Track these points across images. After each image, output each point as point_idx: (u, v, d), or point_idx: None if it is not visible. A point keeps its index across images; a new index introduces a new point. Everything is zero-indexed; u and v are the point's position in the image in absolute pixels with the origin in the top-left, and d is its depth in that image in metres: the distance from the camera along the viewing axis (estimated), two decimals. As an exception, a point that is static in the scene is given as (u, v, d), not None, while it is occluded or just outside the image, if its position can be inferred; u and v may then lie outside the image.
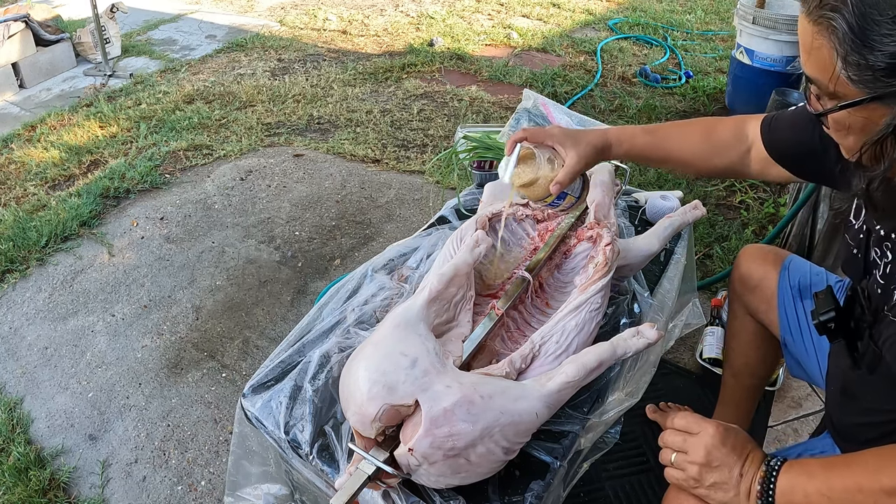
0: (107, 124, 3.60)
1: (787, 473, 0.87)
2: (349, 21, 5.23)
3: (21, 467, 1.82)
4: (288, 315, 2.35)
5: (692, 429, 0.94)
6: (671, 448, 0.96)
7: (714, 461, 0.90)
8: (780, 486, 0.86)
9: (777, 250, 1.47)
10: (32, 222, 2.77)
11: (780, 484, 0.86)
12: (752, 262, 1.46)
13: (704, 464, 0.91)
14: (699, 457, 0.91)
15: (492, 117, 3.66)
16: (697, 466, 0.91)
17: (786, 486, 0.86)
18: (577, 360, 1.06)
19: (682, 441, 0.94)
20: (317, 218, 2.86)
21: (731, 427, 0.93)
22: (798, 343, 1.35)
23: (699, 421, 0.94)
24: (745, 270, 1.47)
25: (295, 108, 3.77)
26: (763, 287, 1.42)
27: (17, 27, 4.00)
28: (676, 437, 0.95)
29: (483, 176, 1.83)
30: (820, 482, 0.84)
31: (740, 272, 1.48)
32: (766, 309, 1.42)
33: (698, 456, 0.91)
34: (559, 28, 5.10)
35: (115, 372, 2.14)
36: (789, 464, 0.88)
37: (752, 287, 1.45)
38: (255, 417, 1.15)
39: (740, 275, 1.48)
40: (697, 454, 0.91)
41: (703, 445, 0.91)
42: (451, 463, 0.94)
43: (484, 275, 1.31)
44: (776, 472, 0.87)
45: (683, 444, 0.94)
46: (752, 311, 1.47)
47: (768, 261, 1.44)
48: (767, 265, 1.43)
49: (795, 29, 3.66)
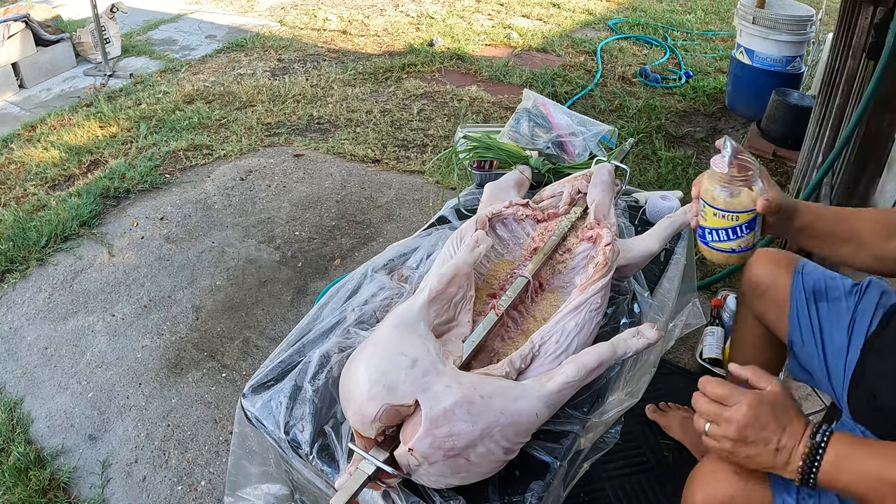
0: (107, 124, 3.60)
1: (836, 448, 0.84)
2: (349, 21, 5.22)
3: (21, 467, 1.82)
4: (288, 315, 2.35)
5: (728, 400, 0.91)
6: (705, 418, 0.93)
7: (749, 437, 0.88)
8: (827, 462, 0.83)
9: (789, 254, 1.46)
10: (32, 222, 2.77)
11: (827, 460, 0.83)
12: (764, 267, 1.44)
13: (738, 439, 0.89)
14: (732, 432, 0.89)
15: (492, 117, 3.66)
16: (731, 442, 0.90)
17: (832, 465, 0.83)
18: (577, 360, 1.06)
19: (715, 412, 0.92)
20: (317, 218, 2.86)
21: (767, 397, 0.90)
22: (808, 346, 1.34)
23: (735, 393, 0.91)
24: (755, 274, 1.45)
25: (295, 108, 3.77)
26: (774, 290, 1.41)
27: (17, 27, 4.00)
28: (711, 406, 0.93)
29: (483, 176, 1.83)
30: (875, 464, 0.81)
31: (750, 276, 1.47)
32: (775, 313, 1.40)
33: (731, 431, 0.89)
34: (559, 28, 5.10)
35: (115, 372, 2.14)
36: (837, 438, 0.85)
37: (762, 291, 1.44)
38: (255, 417, 1.15)
39: (750, 279, 1.47)
40: (730, 429, 0.89)
41: (736, 421, 0.89)
42: (451, 463, 0.94)
43: (484, 275, 1.31)
44: (822, 447, 0.84)
45: (717, 416, 0.91)
46: (760, 315, 1.46)
47: (780, 264, 1.42)
48: (780, 269, 1.41)
49: (795, 29, 3.66)
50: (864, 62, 2.12)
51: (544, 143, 1.82)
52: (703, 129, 3.59)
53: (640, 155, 3.28)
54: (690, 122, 3.67)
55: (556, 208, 1.46)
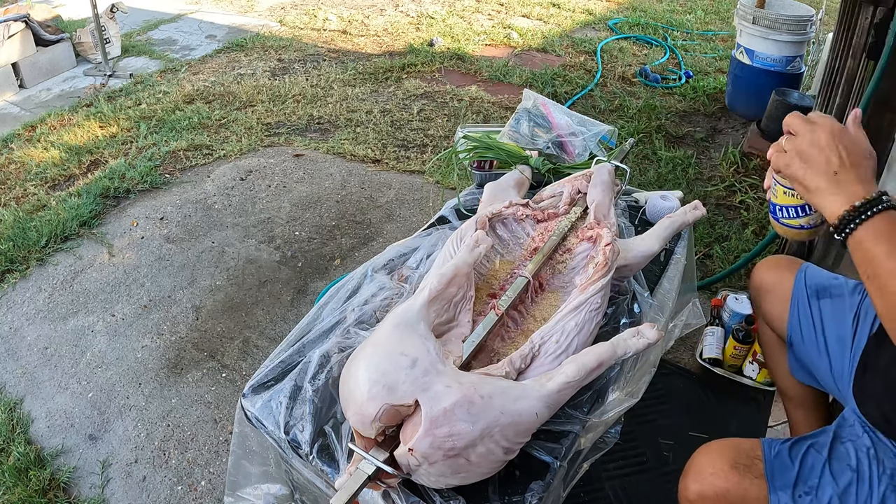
0: (107, 124, 3.60)
1: (892, 216, 0.83)
2: (349, 21, 5.22)
3: (21, 467, 1.82)
4: (288, 315, 2.35)
5: (816, 120, 0.91)
6: (789, 129, 0.93)
7: (810, 151, 0.89)
8: (878, 220, 0.83)
9: (792, 259, 1.49)
10: (32, 222, 2.77)
11: (877, 221, 0.83)
12: (768, 270, 1.48)
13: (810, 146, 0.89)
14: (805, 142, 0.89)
15: (492, 117, 3.66)
16: (798, 151, 0.90)
17: (876, 229, 0.82)
18: (577, 360, 1.06)
19: (799, 125, 0.92)
20: (317, 218, 2.86)
21: (853, 134, 0.90)
22: (809, 343, 1.35)
23: (824, 117, 0.91)
24: (760, 278, 1.49)
25: (295, 108, 3.77)
26: (778, 291, 1.44)
27: (17, 27, 4.00)
28: (797, 119, 0.93)
29: (483, 176, 1.83)
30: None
31: (756, 280, 1.50)
32: (779, 313, 1.43)
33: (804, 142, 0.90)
34: (559, 28, 5.10)
35: (115, 372, 2.14)
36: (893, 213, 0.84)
37: (766, 293, 1.47)
38: (255, 417, 1.15)
39: (755, 282, 1.50)
40: (804, 140, 0.90)
41: (811, 137, 0.89)
42: (451, 463, 0.94)
43: (484, 275, 1.31)
44: (885, 204, 0.84)
45: (799, 128, 0.91)
46: (767, 317, 1.48)
47: (782, 266, 1.46)
48: (783, 271, 1.45)
49: (795, 29, 3.66)
50: (864, 62, 2.12)
51: (544, 143, 1.82)
52: (703, 129, 3.58)
53: (640, 155, 3.28)
54: (690, 122, 3.67)
55: (556, 208, 1.46)
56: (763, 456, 1.09)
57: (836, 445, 1.13)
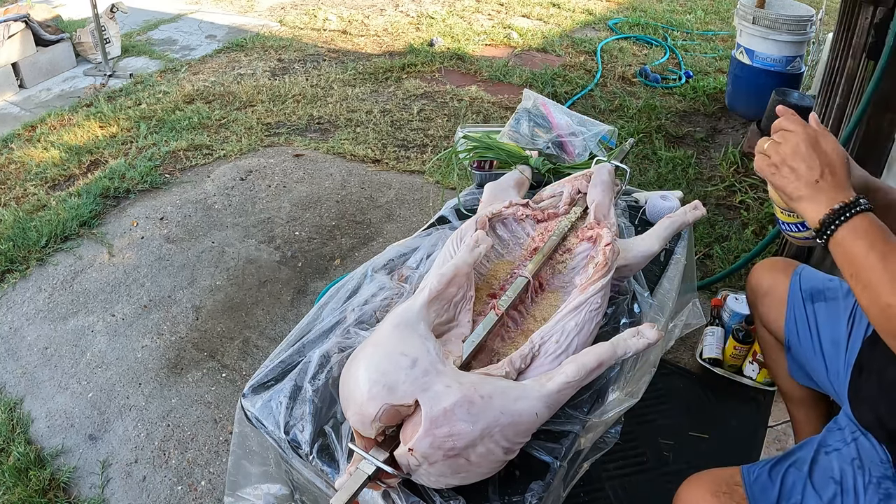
0: (107, 124, 3.60)
1: (870, 218, 0.86)
2: (349, 21, 5.22)
3: (21, 467, 1.82)
4: (288, 315, 2.35)
5: (790, 127, 0.95)
6: (773, 135, 0.97)
7: (796, 161, 0.91)
8: (855, 220, 0.86)
9: (788, 261, 1.50)
10: (32, 222, 2.77)
11: (856, 220, 0.86)
12: (764, 273, 1.49)
13: (793, 154, 0.92)
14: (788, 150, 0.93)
15: (492, 117, 3.66)
16: (781, 158, 0.93)
17: (854, 229, 0.86)
18: (577, 360, 1.06)
19: (780, 134, 0.95)
20: (317, 218, 2.86)
21: (828, 141, 0.93)
22: (805, 344, 1.35)
23: (798, 123, 0.95)
24: (756, 281, 1.49)
25: (295, 108, 3.77)
26: (773, 293, 1.44)
27: (17, 27, 4.00)
28: (778, 125, 0.96)
29: (483, 176, 1.83)
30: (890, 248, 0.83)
31: (752, 282, 1.50)
32: (776, 315, 1.43)
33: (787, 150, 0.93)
34: (559, 28, 5.10)
35: (115, 372, 2.14)
36: (870, 215, 0.87)
37: (762, 295, 1.47)
38: (255, 417, 1.15)
39: (752, 285, 1.50)
40: (786, 148, 0.93)
41: (790, 143, 0.92)
42: (451, 463, 0.94)
43: (484, 275, 1.31)
44: (861, 207, 0.87)
45: (781, 136, 0.95)
46: (764, 319, 1.48)
47: (778, 268, 1.46)
48: (778, 274, 1.45)
49: (795, 29, 3.66)
50: (864, 62, 2.12)
51: (544, 143, 1.82)
52: (703, 129, 3.58)
53: (640, 155, 3.28)
54: (690, 122, 3.67)
55: (556, 208, 1.46)
56: (743, 482, 1.10)
57: (818, 458, 1.13)
